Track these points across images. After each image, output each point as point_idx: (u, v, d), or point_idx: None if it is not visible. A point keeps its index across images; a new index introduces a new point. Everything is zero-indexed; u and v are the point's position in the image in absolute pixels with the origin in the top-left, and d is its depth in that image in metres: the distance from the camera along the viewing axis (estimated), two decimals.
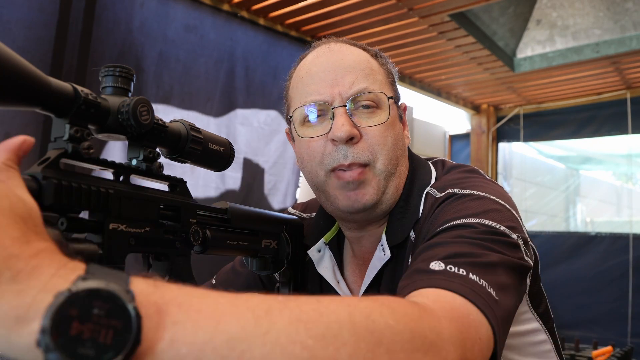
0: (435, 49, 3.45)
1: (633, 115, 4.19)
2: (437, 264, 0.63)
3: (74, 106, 0.56)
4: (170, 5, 2.54)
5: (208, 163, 0.77)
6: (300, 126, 0.92)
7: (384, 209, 0.90)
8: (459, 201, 0.80)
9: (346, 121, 0.85)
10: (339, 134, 0.84)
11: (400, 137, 0.92)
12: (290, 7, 2.85)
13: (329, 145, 0.87)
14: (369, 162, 0.86)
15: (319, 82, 0.89)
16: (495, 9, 3.35)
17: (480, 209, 0.76)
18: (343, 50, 0.91)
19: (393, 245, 0.89)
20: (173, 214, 0.70)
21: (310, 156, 0.90)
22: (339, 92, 0.87)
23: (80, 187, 0.54)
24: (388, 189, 0.89)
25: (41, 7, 2.06)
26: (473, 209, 0.76)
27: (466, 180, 0.86)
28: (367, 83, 0.88)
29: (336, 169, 0.87)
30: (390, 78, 0.95)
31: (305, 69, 0.92)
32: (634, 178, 7.20)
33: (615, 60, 3.58)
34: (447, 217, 0.76)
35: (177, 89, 2.57)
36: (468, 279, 0.61)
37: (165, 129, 0.68)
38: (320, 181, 0.90)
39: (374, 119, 0.88)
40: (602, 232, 4.55)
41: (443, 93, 4.49)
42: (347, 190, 0.87)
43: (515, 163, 5.51)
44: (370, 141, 0.86)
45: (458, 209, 0.77)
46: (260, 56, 2.96)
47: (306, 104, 0.89)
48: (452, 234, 0.72)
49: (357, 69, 0.89)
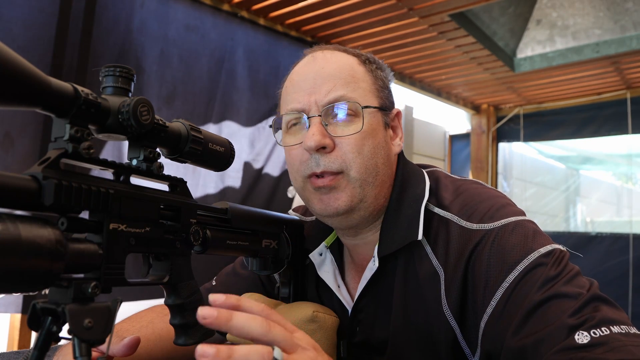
0: (435, 49, 3.45)
1: (633, 115, 4.20)
2: (581, 336, 0.64)
3: (74, 106, 0.56)
4: (170, 5, 2.54)
5: (208, 163, 0.77)
6: (284, 133, 0.94)
7: (363, 215, 0.90)
8: (500, 239, 0.79)
9: (317, 131, 0.86)
10: (309, 143, 0.85)
11: (382, 146, 0.91)
12: (290, 7, 2.85)
13: (305, 154, 0.88)
14: (342, 170, 0.86)
15: (298, 91, 0.90)
16: (495, 9, 3.35)
17: (529, 241, 0.77)
18: (327, 59, 0.92)
19: (382, 256, 0.88)
20: (173, 214, 0.70)
21: (290, 163, 0.92)
22: (315, 100, 0.88)
23: (81, 187, 0.54)
24: (365, 197, 0.88)
25: (41, 7, 2.06)
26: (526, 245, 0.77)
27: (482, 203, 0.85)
28: (345, 91, 0.88)
29: (311, 175, 0.88)
30: (377, 84, 0.93)
31: (291, 78, 0.94)
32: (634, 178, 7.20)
33: (616, 60, 3.58)
34: (506, 262, 0.76)
35: (178, 89, 2.57)
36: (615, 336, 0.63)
37: (166, 129, 0.68)
38: (300, 187, 0.92)
39: (350, 128, 0.87)
40: (602, 232, 4.55)
41: (443, 93, 4.49)
42: (320, 195, 0.88)
43: (515, 163, 5.51)
44: (344, 149, 0.87)
45: (508, 250, 0.77)
46: (261, 56, 2.96)
47: (287, 112, 0.91)
48: (534, 282, 0.72)
49: (336, 77, 0.89)
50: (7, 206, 0.49)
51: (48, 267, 0.49)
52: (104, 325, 0.55)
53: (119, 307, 0.57)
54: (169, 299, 0.71)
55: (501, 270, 0.76)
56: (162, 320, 1.00)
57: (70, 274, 0.54)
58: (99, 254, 0.56)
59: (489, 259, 0.78)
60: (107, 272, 0.57)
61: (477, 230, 0.81)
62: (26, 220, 0.48)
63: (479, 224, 0.82)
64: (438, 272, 0.84)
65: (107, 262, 0.57)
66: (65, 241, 0.52)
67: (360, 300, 0.94)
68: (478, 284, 0.78)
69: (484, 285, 0.77)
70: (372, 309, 0.92)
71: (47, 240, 0.49)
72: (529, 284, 0.72)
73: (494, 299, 0.75)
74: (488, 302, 0.75)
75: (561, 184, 6.55)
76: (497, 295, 0.75)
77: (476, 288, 0.78)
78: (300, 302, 0.96)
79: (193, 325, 0.71)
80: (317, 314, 0.89)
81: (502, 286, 0.75)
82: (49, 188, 0.51)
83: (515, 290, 0.73)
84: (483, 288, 0.77)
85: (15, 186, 0.49)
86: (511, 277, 0.74)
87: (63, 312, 0.53)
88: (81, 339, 0.52)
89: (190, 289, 0.72)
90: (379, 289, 0.91)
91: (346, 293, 0.98)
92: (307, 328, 0.88)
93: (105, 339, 0.55)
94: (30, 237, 0.47)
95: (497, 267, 0.77)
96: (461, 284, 0.80)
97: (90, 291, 0.54)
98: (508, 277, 0.75)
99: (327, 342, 0.89)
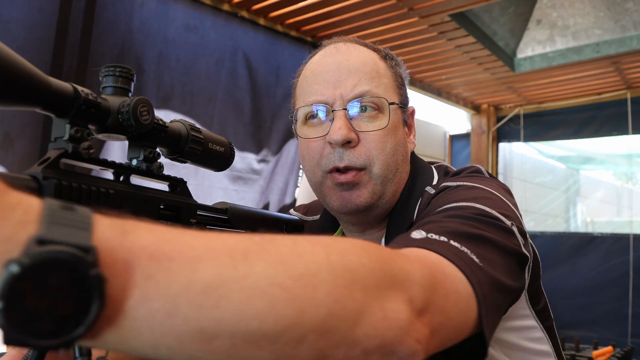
0: (436, 49, 3.45)
1: (633, 116, 4.19)
2: (418, 233, 0.62)
3: (74, 106, 0.56)
4: (170, 5, 2.54)
5: (208, 163, 0.77)
6: (302, 125, 0.92)
7: (380, 212, 0.90)
8: (451, 191, 0.80)
9: (344, 124, 0.85)
10: (335, 137, 0.84)
11: (401, 143, 0.91)
12: (290, 7, 2.85)
13: (327, 147, 0.87)
14: (365, 166, 0.86)
15: (322, 83, 0.88)
16: (496, 9, 3.35)
17: (470, 195, 0.75)
18: (350, 51, 0.90)
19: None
20: (173, 214, 0.70)
21: (310, 156, 0.90)
22: (341, 93, 0.87)
23: (81, 187, 0.54)
24: (385, 194, 0.88)
25: (41, 7, 2.06)
26: (463, 195, 0.75)
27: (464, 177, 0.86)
28: (370, 86, 0.87)
29: (332, 170, 0.87)
30: (398, 81, 0.94)
31: (311, 69, 0.92)
32: (634, 178, 7.20)
33: (616, 60, 3.58)
34: (438, 204, 0.76)
35: (177, 89, 2.57)
36: (449, 244, 0.60)
37: (166, 129, 0.68)
38: (318, 181, 0.90)
39: (375, 124, 0.87)
40: (603, 232, 4.55)
41: (443, 93, 4.49)
42: (341, 191, 0.87)
43: (515, 163, 5.51)
44: (368, 146, 0.86)
45: (448, 198, 0.77)
46: (262, 56, 2.96)
47: (308, 104, 0.89)
48: (440, 215, 0.71)
49: (362, 71, 0.88)
50: None
51: None
52: None
53: None
54: None
55: (435, 207, 0.75)
56: None
57: None
58: None
59: (435, 202, 0.79)
60: None
61: (440, 188, 0.84)
62: None
63: (439, 185, 0.84)
64: None
65: None
66: None
67: None
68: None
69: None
70: None
71: None
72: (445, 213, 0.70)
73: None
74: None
75: (561, 184, 6.55)
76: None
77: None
78: None
79: None
80: None
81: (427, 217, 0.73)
82: (49, 188, 0.51)
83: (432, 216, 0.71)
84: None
85: (15, 186, 0.49)
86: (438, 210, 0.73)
87: None
88: None
89: None
90: None
91: None
92: None
93: None
94: None
95: (436, 205, 0.76)
96: None
97: None
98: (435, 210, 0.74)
99: None
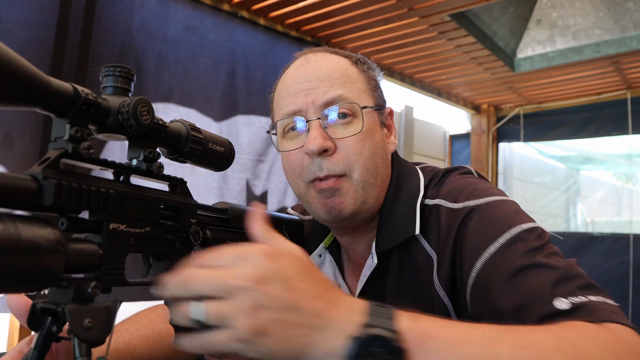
0: (435, 49, 3.44)
1: (633, 116, 4.19)
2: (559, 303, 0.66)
3: (74, 106, 0.56)
4: (170, 5, 2.54)
5: (208, 163, 0.77)
6: (280, 139, 0.93)
7: (366, 217, 0.90)
8: (484, 214, 0.81)
9: (319, 134, 0.85)
10: (311, 147, 0.84)
11: (380, 146, 0.91)
12: (290, 7, 2.85)
13: (306, 158, 0.87)
14: (345, 172, 0.86)
15: (294, 93, 0.89)
16: (496, 9, 3.35)
17: (509, 216, 0.79)
18: (320, 61, 0.91)
19: (381, 252, 0.89)
20: (173, 214, 0.70)
21: (291, 169, 0.91)
22: (312, 100, 0.87)
23: (81, 187, 0.54)
24: (368, 199, 0.88)
25: (41, 7, 2.06)
26: (507, 221, 0.78)
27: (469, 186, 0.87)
28: (342, 91, 0.88)
29: (314, 180, 0.87)
30: (371, 84, 0.94)
31: (283, 82, 0.93)
32: (634, 178, 7.20)
33: (616, 60, 3.58)
34: (484, 236, 0.78)
35: (176, 89, 2.57)
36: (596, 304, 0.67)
37: (166, 129, 0.68)
38: (302, 192, 0.91)
39: (350, 129, 0.87)
40: (603, 232, 4.55)
41: (443, 93, 4.48)
42: (324, 198, 0.87)
43: (515, 163, 5.51)
44: (346, 152, 0.86)
45: (492, 223, 0.79)
46: (260, 56, 2.96)
47: (283, 117, 0.90)
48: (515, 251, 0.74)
49: (332, 78, 0.89)
50: (7, 206, 0.49)
51: (48, 267, 0.49)
52: (104, 326, 0.55)
53: (119, 307, 0.57)
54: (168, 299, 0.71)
55: (484, 241, 0.78)
56: (162, 320, 1.00)
57: (70, 274, 0.54)
58: (99, 254, 0.56)
59: (473, 232, 0.80)
60: (107, 272, 0.57)
61: (462, 208, 0.83)
62: (26, 221, 0.48)
63: (464, 202, 0.84)
64: (432, 256, 0.85)
65: (107, 262, 0.57)
66: (65, 241, 0.52)
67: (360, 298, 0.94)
68: (464, 256, 0.79)
69: (469, 256, 0.78)
70: None
71: (47, 240, 0.49)
72: (511, 253, 0.74)
73: (475, 268, 0.76)
74: (471, 272, 0.77)
75: (561, 184, 6.55)
76: (480, 264, 0.76)
77: (463, 260, 0.79)
78: None
79: None
80: None
81: (484, 256, 0.76)
82: (49, 188, 0.51)
83: (497, 258, 0.75)
84: (468, 259, 0.78)
85: (15, 186, 0.49)
86: (493, 247, 0.76)
87: (63, 312, 0.53)
88: (81, 339, 0.52)
89: None
90: (379, 284, 0.92)
91: (347, 291, 0.99)
92: None
93: (105, 339, 0.55)
94: (30, 237, 0.47)
95: (480, 238, 0.78)
96: (450, 261, 0.82)
97: (90, 291, 0.54)
98: (490, 248, 0.76)
99: None
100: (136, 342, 0.95)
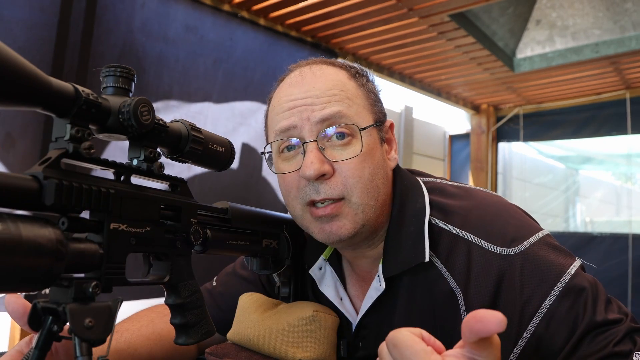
0: (435, 49, 3.45)
1: (633, 116, 4.20)
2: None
3: (75, 106, 0.56)
4: (170, 6, 2.54)
5: (208, 163, 0.77)
6: (277, 158, 0.89)
7: (366, 235, 0.87)
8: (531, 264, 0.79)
9: (315, 158, 0.80)
10: (308, 172, 0.80)
11: (380, 165, 0.87)
12: (290, 7, 2.85)
13: (303, 180, 0.83)
14: (343, 196, 0.82)
15: (288, 111, 0.85)
16: (495, 9, 3.36)
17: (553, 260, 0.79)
18: (316, 76, 0.86)
19: (388, 277, 0.86)
20: (174, 213, 0.70)
21: (287, 190, 0.87)
22: (308, 117, 0.83)
23: (81, 187, 0.54)
24: (368, 221, 0.84)
25: (42, 8, 2.06)
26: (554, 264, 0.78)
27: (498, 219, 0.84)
28: (340, 107, 0.83)
29: (310, 203, 0.84)
30: (371, 98, 0.89)
31: (277, 98, 0.89)
32: (633, 178, 7.20)
33: (615, 60, 3.59)
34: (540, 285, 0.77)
35: (176, 89, 2.57)
36: None
37: (166, 129, 0.68)
38: (299, 214, 0.87)
39: (348, 151, 0.83)
40: (602, 232, 4.55)
41: (443, 93, 4.49)
42: (321, 224, 0.84)
43: (515, 163, 5.51)
44: (344, 175, 0.82)
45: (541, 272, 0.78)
46: (260, 56, 2.96)
47: (277, 137, 0.86)
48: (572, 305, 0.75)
49: (329, 94, 0.84)
50: (8, 206, 0.49)
51: (49, 266, 0.49)
52: (105, 325, 0.55)
53: (119, 306, 0.57)
54: (169, 299, 0.71)
55: (535, 295, 0.77)
56: (163, 320, 1.00)
57: (70, 274, 0.54)
58: (100, 253, 0.57)
59: (522, 285, 0.78)
60: (108, 272, 0.58)
61: (504, 256, 0.80)
62: (27, 220, 0.49)
63: (504, 247, 0.80)
64: (455, 292, 0.82)
65: (108, 262, 0.58)
66: (66, 241, 0.52)
67: (364, 318, 0.92)
68: (513, 310, 0.77)
69: (519, 311, 0.77)
70: (375, 325, 0.90)
71: (47, 240, 0.49)
72: (567, 308, 0.75)
73: (531, 323, 0.76)
74: (525, 327, 0.76)
75: (561, 184, 6.55)
76: (536, 320, 0.76)
77: (511, 314, 0.77)
78: (300, 302, 0.96)
79: (193, 325, 0.72)
80: (317, 313, 0.89)
81: (540, 311, 0.76)
82: (49, 188, 0.51)
83: (554, 315, 0.75)
84: (519, 314, 0.76)
85: (16, 186, 0.49)
86: (548, 301, 0.76)
87: (64, 312, 0.53)
88: (82, 338, 0.53)
89: (191, 288, 0.72)
90: (384, 305, 0.89)
91: (349, 305, 0.96)
92: (307, 328, 0.88)
93: (106, 338, 0.55)
94: (31, 237, 0.48)
95: (531, 292, 0.77)
96: (490, 305, 0.79)
97: (90, 291, 0.55)
98: (545, 302, 0.76)
99: (327, 341, 0.89)
100: (137, 342, 0.95)
